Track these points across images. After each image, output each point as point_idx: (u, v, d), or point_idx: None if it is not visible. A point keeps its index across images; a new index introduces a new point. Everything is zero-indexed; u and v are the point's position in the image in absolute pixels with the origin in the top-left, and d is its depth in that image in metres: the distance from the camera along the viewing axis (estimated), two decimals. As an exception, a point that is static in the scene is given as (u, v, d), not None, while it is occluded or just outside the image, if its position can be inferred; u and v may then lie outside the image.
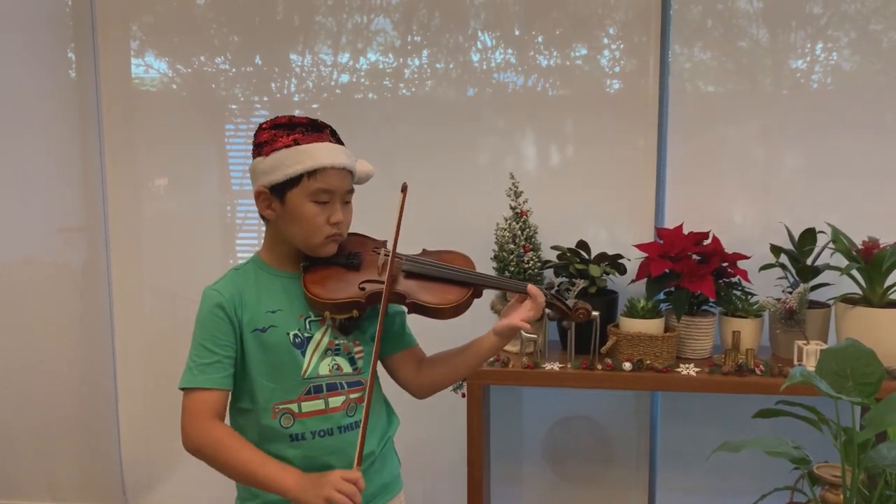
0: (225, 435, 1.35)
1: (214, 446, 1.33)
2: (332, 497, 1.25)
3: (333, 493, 1.25)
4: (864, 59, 2.45)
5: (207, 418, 1.34)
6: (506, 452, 2.72)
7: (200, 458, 1.35)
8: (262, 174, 1.40)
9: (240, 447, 1.34)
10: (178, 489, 2.96)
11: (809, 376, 1.31)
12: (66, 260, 2.94)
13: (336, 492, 1.26)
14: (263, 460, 1.34)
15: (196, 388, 1.35)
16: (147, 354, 2.87)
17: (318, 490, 1.27)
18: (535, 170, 2.61)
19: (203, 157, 2.85)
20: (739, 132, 2.52)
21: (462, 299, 1.45)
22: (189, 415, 1.34)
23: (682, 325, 2.28)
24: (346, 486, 1.26)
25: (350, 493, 1.26)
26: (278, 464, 1.35)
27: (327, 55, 2.71)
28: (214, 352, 1.36)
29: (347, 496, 1.26)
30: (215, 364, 1.36)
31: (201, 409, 1.34)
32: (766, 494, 1.76)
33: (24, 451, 3.02)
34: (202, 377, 1.35)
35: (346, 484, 1.27)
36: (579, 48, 2.57)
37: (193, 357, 1.37)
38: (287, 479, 1.31)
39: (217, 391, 1.36)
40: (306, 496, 1.27)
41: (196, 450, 1.34)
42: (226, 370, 1.37)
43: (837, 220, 2.30)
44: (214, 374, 1.36)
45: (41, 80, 2.87)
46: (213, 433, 1.33)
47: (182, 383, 1.37)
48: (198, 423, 1.33)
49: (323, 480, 1.28)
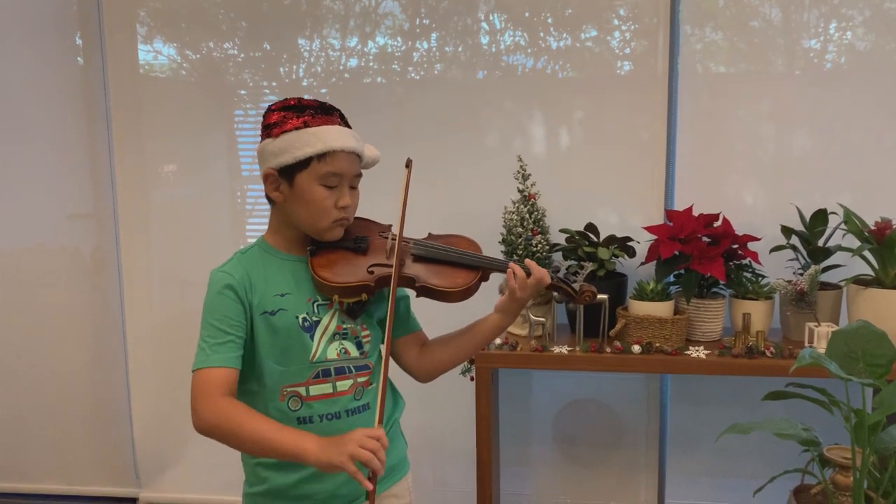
0: (236, 407, 1.31)
1: (226, 420, 1.29)
2: (357, 453, 1.22)
3: (357, 450, 1.22)
4: (878, 37, 2.42)
5: (219, 395, 1.31)
6: (515, 435, 2.72)
7: (212, 435, 1.31)
8: (271, 156, 1.39)
9: (253, 417, 1.30)
10: (189, 473, 2.99)
11: (819, 358, 1.30)
12: (75, 246, 2.96)
13: (360, 448, 1.22)
14: (279, 427, 1.31)
15: (206, 368, 1.33)
16: (157, 339, 2.89)
17: (340, 448, 1.23)
18: (543, 152, 2.59)
19: (212, 143, 2.85)
20: (750, 113, 2.49)
21: (471, 282, 1.45)
22: (199, 393, 1.31)
23: (691, 308, 2.27)
24: (370, 443, 1.23)
25: (374, 449, 1.23)
26: (294, 431, 1.31)
27: (335, 39, 2.70)
28: (227, 332, 1.35)
29: (372, 451, 1.22)
30: (228, 343, 1.34)
31: (212, 388, 1.31)
32: (776, 476, 1.75)
33: (37, 435, 3.06)
34: (215, 356, 1.33)
35: (369, 440, 1.23)
36: (589, 29, 2.54)
37: (205, 338, 1.35)
38: (307, 442, 1.27)
39: (228, 370, 1.33)
40: (328, 455, 1.23)
41: (207, 426, 1.30)
42: (237, 350, 1.35)
43: (849, 201, 2.27)
44: (227, 353, 1.34)
45: (49, 67, 2.87)
46: (223, 407, 1.30)
47: (195, 364, 1.34)
48: (208, 400, 1.30)
49: (346, 438, 1.25)
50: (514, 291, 1.45)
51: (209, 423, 1.29)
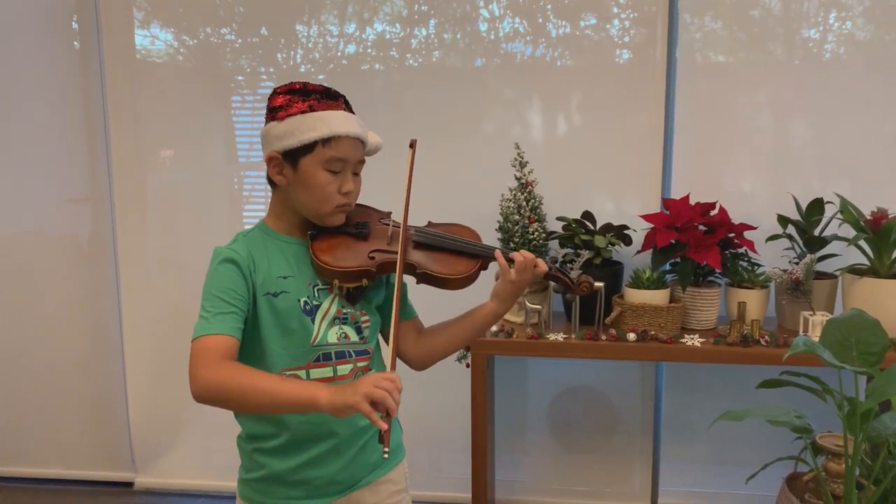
0: (238, 366, 1.28)
1: (230, 379, 1.25)
2: (372, 393, 1.17)
3: (373, 389, 1.18)
4: (878, 28, 2.42)
5: (219, 359, 1.27)
6: (510, 422, 2.74)
7: (213, 397, 1.25)
8: (276, 139, 1.38)
9: (258, 373, 1.27)
10: (185, 457, 3.00)
11: (813, 345, 1.31)
12: (72, 231, 2.95)
13: (375, 388, 1.18)
14: (283, 380, 1.29)
15: (207, 335, 1.29)
16: (154, 325, 2.89)
17: (355, 388, 1.19)
18: (541, 140, 2.59)
19: (209, 129, 2.84)
20: (749, 102, 2.49)
21: (471, 270, 1.46)
22: (198, 359, 1.26)
23: (687, 296, 2.28)
24: (386, 383, 1.19)
25: (389, 389, 1.18)
26: (301, 381, 1.29)
27: (333, 25, 2.69)
28: (229, 303, 1.32)
29: (387, 391, 1.18)
30: (230, 314, 1.32)
31: (212, 353, 1.27)
32: (769, 464, 1.77)
33: (34, 419, 3.07)
34: (217, 325, 1.30)
35: (384, 380, 1.19)
36: (588, 17, 2.54)
37: (207, 308, 1.32)
38: (318, 389, 1.23)
39: (229, 338, 1.30)
40: (343, 397, 1.19)
41: (207, 389, 1.24)
42: (239, 321, 1.33)
43: (846, 191, 2.28)
44: (229, 322, 1.31)
45: (45, 51, 2.86)
46: (225, 368, 1.26)
47: (195, 333, 1.30)
48: (209, 364, 1.25)
49: (360, 380, 1.21)
50: (505, 273, 1.45)
51: (210, 386, 1.24)
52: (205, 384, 1.24)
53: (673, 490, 2.71)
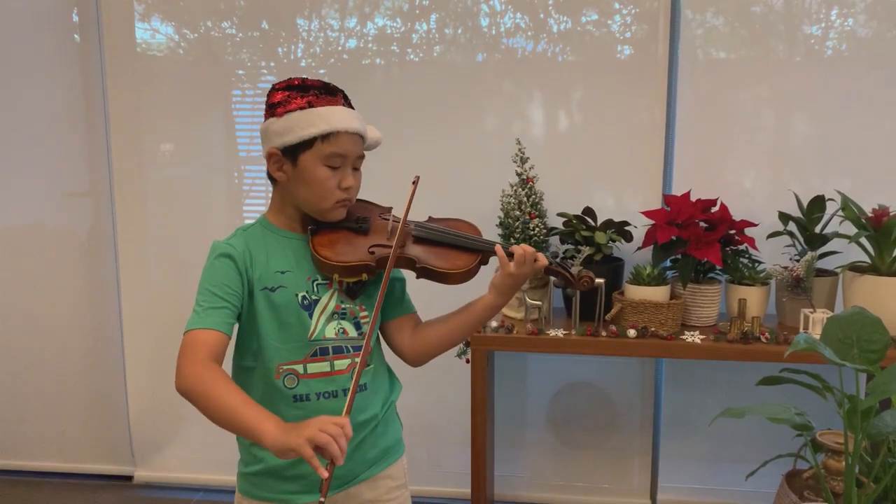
0: (214, 374, 1.27)
1: (201, 384, 1.25)
2: (315, 437, 1.14)
3: (316, 433, 1.14)
4: (880, 24, 2.41)
5: (204, 359, 1.28)
6: (510, 418, 2.74)
7: (187, 397, 1.28)
8: (275, 135, 1.38)
9: (226, 387, 1.26)
10: (184, 452, 3.00)
11: (814, 343, 1.30)
12: (72, 225, 2.95)
13: (319, 432, 1.14)
14: (247, 402, 1.25)
15: (196, 329, 1.31)
16: (153, 318, 2.88)
17: (300, 431, 1.16)
18: (542, 136, 2.59)
19: (209, 123, 2.84)
20: (750, 99, 2.49)
21: (471, 265, 1.45)
22: (186, 354, 1.29)
23: (687, 293, 2.28)
24: (332, 428, 1.15)
25: (335, 434, 1.14)
26: (260, 409, 1.25)
27: (334, 20, 2.68)
28: (221, 297, 1.34)
29: (332, 436, 1.14)
30: (221, 309, 1.33)
31: (199, 349, 1.29)
32: (769, 461, 1.76)
33: (34, 413, 3.07)
34: (207, 319, 1.32)
35: (331, 425, 1.16)
36: (590, 13, 2.53)
37: (200, 302, 1.34)
38: (268, 422, 1.21)
39: (218, 333, 1.31)
40: (286, 437, 1.16)
41: (184, 388, 1.27)
42: (231, 316, 1.35)
43: (847, 188, 2.27)
44: (219, 317, 1.33)
45: (45, 44, 2.85)
46: (201, 372, 1.27)
47: (187, 326, 1.32)
48: (193, 363, 1.27)
49: (307, 423, 1.17)
50: (505, 266, 1.44)
51: (186, 386, 1.27)
52: (184, 381, 1.27)
53: (672, 486, 2.71)
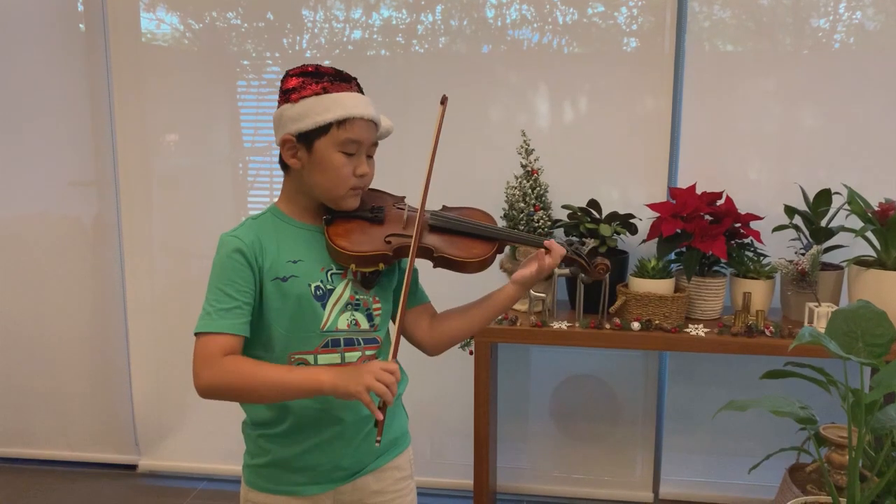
0: (240, 362, 1.31)
1: (235, 376, 1.29)
2: (373, 386, 1.24)
3: (374, 382, 1.24)
4: (888, 17, 2.39)
5: (219, 358, 1.29)
6: (513, 410, 2.74)
7: (219, 394, 1.30)
8: (290, 121, 1.37)
9: (260, 365, 1.31)
10: (188, 440, 3.01)
11: (819, 336, 1.30)
12: (77, 214, 2.95)
13: (376, 381, 1.24)
14: (289, 368, 1.33)
15: (211, 333, 1.31)
16: (157, 308, 2.89)
17: (357, 378, 1.25)
18: (547, 128, 2.58)
19: (214, 114, 2.84)
20: (757, 92, 2.47)
21: (488, 254, 1.45)
22: (201, 358, 1.29)
23: (692, 286, 2.28)
24: (386, 376, 1.25)
25: (389, 383, 1.25)
26: (302, 368, 1.33)
27: (340, 10, 2.67)
28: (234, 297, 1.32)
29: (386, 385, 1.24)
30: (235, 310, 1.32)
31: (215, 353, 1.29)
32: (772, 454, 1.77)
33: (39, 402, 3.08)
34: (221, 322, 1.31)
35: (385, 374, 1.25)
36: (596, 5, 2.52)
37: (211, 302, 1.33)
38: (321, 374, 1.29)
39: (234, 337, 1.31)
40: (346, 384, 1.25)
41: (213, 388, 1.29)
42: (245, 317, 1.33)
43: (854, 182, 2.27)
44: (233, 319, 1.32)
45: (51, 34, 2.85)
46: (227, 365, 1.29)
47: (198, 328, 1.32)
48: (212, 365, 1.28)
49: (362, 369, 1.27)
50: (543, 269, 1.45)
51: (215, 385, 1.29)
52: (210, 384, 1.29)
53: (675, 479, 2.71)
